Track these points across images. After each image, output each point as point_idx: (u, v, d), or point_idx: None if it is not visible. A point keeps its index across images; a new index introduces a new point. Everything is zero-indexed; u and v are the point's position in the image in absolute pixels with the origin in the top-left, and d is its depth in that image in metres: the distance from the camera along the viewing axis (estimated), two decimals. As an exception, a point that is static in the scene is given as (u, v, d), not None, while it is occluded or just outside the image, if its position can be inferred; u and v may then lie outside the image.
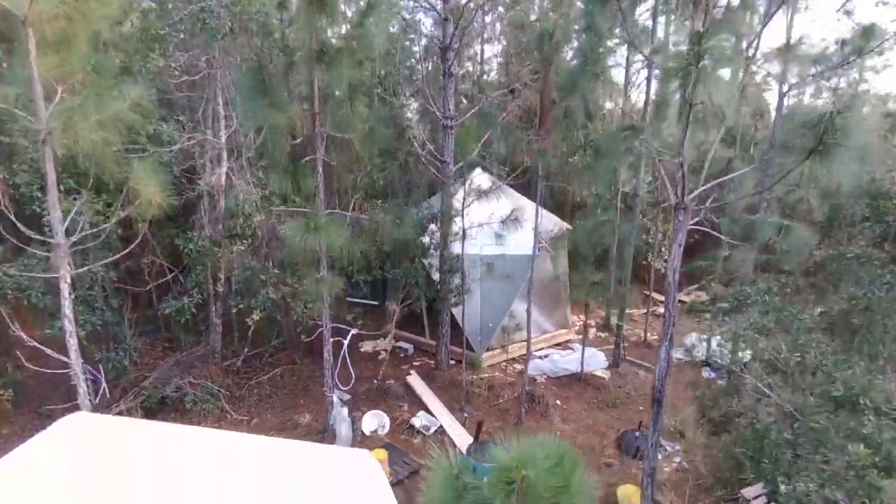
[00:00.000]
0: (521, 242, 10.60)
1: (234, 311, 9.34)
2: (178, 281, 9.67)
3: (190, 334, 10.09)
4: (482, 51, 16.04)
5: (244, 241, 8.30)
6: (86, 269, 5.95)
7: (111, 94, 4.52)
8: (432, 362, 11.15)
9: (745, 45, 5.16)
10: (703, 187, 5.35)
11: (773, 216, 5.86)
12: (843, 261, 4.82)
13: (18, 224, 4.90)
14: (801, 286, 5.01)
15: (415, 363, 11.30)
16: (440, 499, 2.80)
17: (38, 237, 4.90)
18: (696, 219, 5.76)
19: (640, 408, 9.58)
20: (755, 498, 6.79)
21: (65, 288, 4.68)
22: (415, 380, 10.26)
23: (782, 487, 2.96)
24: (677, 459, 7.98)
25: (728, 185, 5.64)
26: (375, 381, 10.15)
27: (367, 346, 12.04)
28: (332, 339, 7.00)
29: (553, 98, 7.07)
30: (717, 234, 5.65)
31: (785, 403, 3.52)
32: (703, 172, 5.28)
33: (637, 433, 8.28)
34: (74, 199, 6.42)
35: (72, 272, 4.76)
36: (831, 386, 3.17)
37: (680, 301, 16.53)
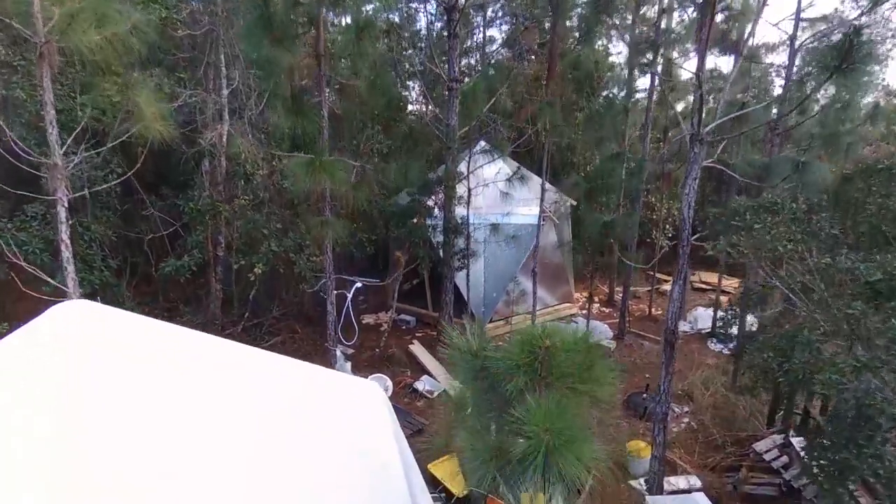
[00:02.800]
0: (525, 212, 10.48)
1: (233, 276, 9.19)
2: (176, 246, 9.49)
3: (189, 302, 9.92)
4: (485, 30, 15.90)
5: (245, 198, 8.14)
6: (84, 192, 5.79)
7: (112, 9, 4.36)
8: (434, 333, 11.00)
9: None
10: (719, 120, 5.23)
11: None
12: (871, 174, 4.70)
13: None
14: (825, 203, 4.87)
15: (417, 335, 11.15)
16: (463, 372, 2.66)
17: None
18: (711, 160, 5.63)
19: (647, 375, 9.45)
20: (767, 451, 6.66)
21: (62, 212, 4.52)
22: (417, 348, 10.11)
23: (818, 377, 2.81)
24: (686, 420, 7.84)
25: (744, 119, 5.55)
26: (378, 350, 10.01)
27: (368, 319, 11.90)
28: (335, 292, 6.85)
29: (561, 49, 6.94)
30: (731, 174, 5.52)
31: (814, 312, 3.39)
32: (718, 105, 5.18)
33: (644, 395, 8.15)
34: (73, 153, 6.27)
35: (69, 196, 4.61)
36: (868, 274, 3.04)
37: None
